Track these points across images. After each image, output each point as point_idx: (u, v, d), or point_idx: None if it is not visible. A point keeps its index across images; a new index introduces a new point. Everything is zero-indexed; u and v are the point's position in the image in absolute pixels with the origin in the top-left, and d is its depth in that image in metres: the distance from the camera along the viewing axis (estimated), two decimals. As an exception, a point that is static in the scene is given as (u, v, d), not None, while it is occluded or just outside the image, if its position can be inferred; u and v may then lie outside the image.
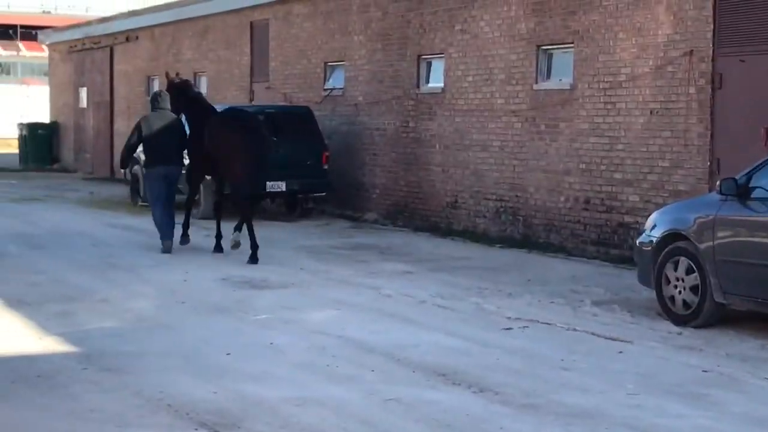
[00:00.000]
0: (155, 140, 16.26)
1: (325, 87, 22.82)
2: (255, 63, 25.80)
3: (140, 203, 22.29)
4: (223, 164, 15.93)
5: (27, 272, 13.92)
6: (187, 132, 16.76)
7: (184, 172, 17.41)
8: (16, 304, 11.71)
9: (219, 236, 16.28)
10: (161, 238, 16.13)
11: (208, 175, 17.11)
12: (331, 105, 22.43)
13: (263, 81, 25.24)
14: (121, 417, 7.52)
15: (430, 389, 8.37)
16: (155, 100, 16.87)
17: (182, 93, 16.87)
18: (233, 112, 17.11)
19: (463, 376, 8.72)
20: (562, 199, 16.58)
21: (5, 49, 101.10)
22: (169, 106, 16.73)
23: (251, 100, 25.41)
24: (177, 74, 18.00)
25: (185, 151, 16.87)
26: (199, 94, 17.68)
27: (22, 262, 14.92)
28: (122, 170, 17.49)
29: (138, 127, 16.48)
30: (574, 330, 10.69)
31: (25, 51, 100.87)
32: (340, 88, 22.27)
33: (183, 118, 16.82)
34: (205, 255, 15.76)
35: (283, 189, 20.39)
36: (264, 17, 25.27)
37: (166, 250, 16.00)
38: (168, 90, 17.00)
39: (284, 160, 20.23)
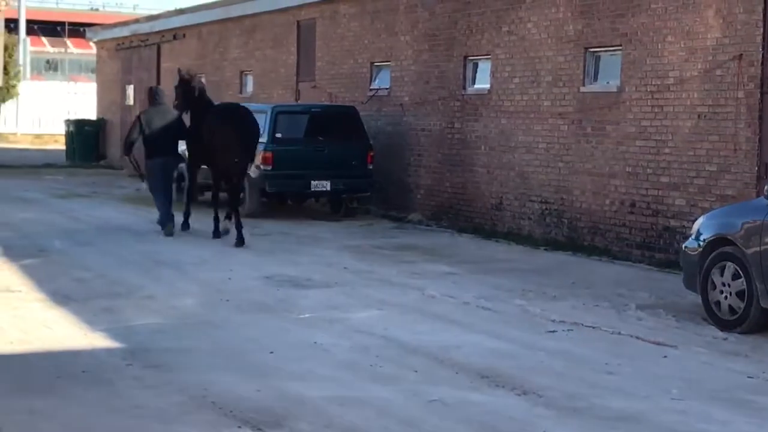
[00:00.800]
0: (154, 134, 17.53)
1: (371, 87, 22.82)
2: (301, 62, 25.85)
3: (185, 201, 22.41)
4: (217, 154, 17.29)
5: (73, 268, 14.01)
6: (188, 126, 18.02)
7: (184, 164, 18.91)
8: (63, 300, 11.80)
9: (217, 219, 17.58)
10: (161, 223, 17.54)
11: (206, 165, 18.13)
12: (377, 105, 22.44)
13: (309, 80, 25.29)
14: (165, 414, 7.56)
15: (474, 391, 8.35)
16: (154, 95, 18.19)
17: (190, 89, 17.92)
18: (224, 105, 18.86)
19: (506, 379, 8.70)
20: (608, 202, 16.50)
21: (53, 46, 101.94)
22: (165, 102, 18.15)
23: (297, 99, 25.47)
24: (188, 71, 18.82)
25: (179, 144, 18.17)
26: (204, 90, 18.45)
27: (68, 258, 15.02)
28: (126, 156, 18.76)
29: (138, 122, 17.73)
30: (619, 334, 10.63)
31: (72, 48, 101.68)
32: (386, 89, 22.27)
33: (188, 113, 18.07)
34: (249, 253, 15.81)
35: (328, 188, 20.43)
36: (311, 16, 25.32)
37: (169, 234, 17.36)
38: (177, 86, 18.14)
39: (329, 160, 20.30)
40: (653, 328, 10.92)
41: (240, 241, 16.42)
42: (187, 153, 18.44)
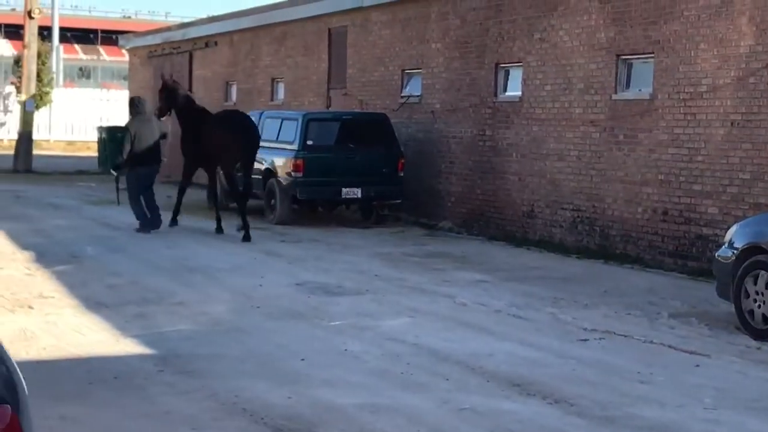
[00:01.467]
0: (143, 144, 18.58)
1: (402, 94, 22.82)
2: (332, 69, 25.89)
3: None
4: (222, 160, 18.69)
5: (105, 274, 14.08)
6: (171, 130, 19.45)
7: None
8: (95, 306, 11.85)
9: (219, 219, 18.89)
10: (143, 225, 18.69)
11: (201, 168, 19.35)
12: (408, 112, 22.44)
13: (340, 87, 25.32)
14: (197, 420, 7.57)
15: (505, 399, 8.32)
16: (135, 105, 19.15)
17: (173, 94, 19.16)
18: (228, 113, 20.00)
19: (538, 387, 8.66)
20: (640, 210, 16.43)
21: (86, 54, 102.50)
22: (147, 110, 19.20)
23: (328, 106, 25.50)
24: (171, 75, 20.26)
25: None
26: (188, 95, 19.74)
27: (100, 264, 15.09)
28: (115, 173, 20.00)
29: (129, 133, 18.68)
30: (651, 342, 10.58)
31: (105, 55, 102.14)
32: (417, 96, 22.26)
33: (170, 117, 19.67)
34: (280, 260, 15.83)
35: (359, 196, 20.45)
36: (342, 24, 25.35)
37: (146, 232, 18.61)
38: (161, 90, 19.41)
39: (360, 167, 20.32)
40: (686, 337, 10.86)
41: (247, 237, 17.80)
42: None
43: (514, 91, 19.53)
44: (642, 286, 14.08)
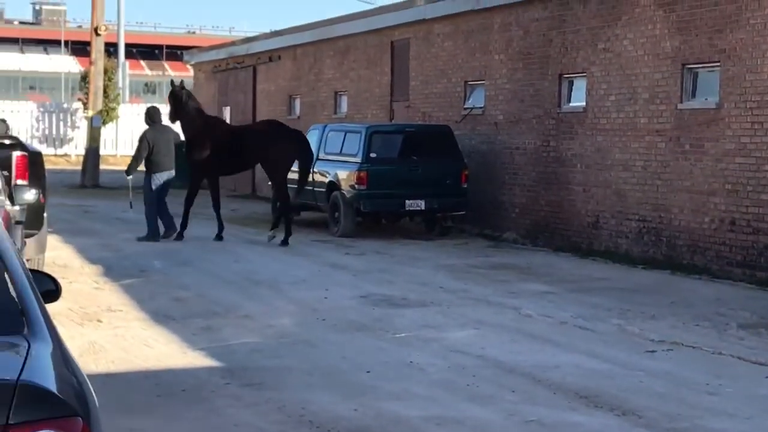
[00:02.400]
0: (160, 151, 19.32)
1: (465, 106, 22.80)
2: (395, 82, 25.94)
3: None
4: (271, 169, 19.79)
5: (172, 288, 14.19)
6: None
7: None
8: (163, 319, 11.95)
9: (221, 227, 19.76)
10: (149, 235, 19.25)
11: (208, 173, 20.05)
12: (471, 124, 22.41)
13: (403, 100, 25.35)
14: (264, 432, 7.60)
15: (572, 411, 8.28)
16: (152, 115, 19.96)
17: (177, 101, 20.00)
18: (277, 125, 20.61)
19: (605, 399, 8.60)
20: (707, 219, 16.27)
21: (151, 69, 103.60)
22: (161, 120, 20.07)
23: (391, 118, 25.54)
24: (181, 83, 20.78)
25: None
26: (195, 104, 20.44)
27: (168, 278, 15.21)
28: (128, 177, 20.28)
29: (146, 141, 19.39)
30: (720, 354, 10.46)
31: (170, 71, 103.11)
32: (480, 107, 22.23)
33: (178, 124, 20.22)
34: (344, 273, 15.87)
35: (423, 207, 20.44)
36: (405, 36, 25.40)
37: (167, 237, 19.30)
38: (169, 97, 20.28)
39: (424, 179, 20.33)
40: (755, 348, 10.73)
41: (285, 242, 18.92)
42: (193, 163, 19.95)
43: (578, 101, 19.44)
44: (710, 297, 13.94)
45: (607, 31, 18.41)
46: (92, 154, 35.65)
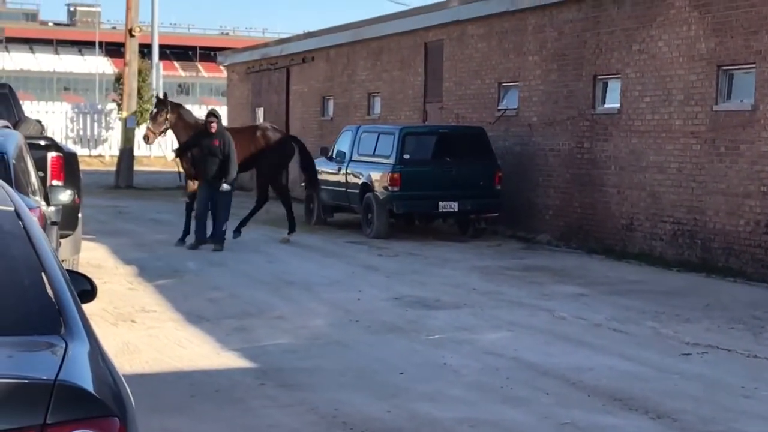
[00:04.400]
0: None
1: (499, 107, 22.76)
2: (428, 83, 25.92)
3: (314, 223, 22.67)
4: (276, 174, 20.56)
5: (206, 288, 14.24)
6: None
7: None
8: (196, 319, 11.99)
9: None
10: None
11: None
12: (505, 125, 22.37)
13: (436, 101, 25.33)
14: (298, 433, 7.61)
15: (606, 414, 8.24)
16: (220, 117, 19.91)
17: (162, 108, 20.37)
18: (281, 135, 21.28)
19: (640, 402, 8.56)
20: (743, 222, 16.17)
21: (185, 70, 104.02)
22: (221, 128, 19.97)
23: (424, 120, 25.53)
24: (165, 94, 21.59)
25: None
26: (180, 110, 20.94)
27: (201, 278, 15.26)
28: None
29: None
30: (755, 357, 10.40)
31: (203, 72, 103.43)
32: (514, 109, 22.18)
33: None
34: (377, 274, 15.87)
35: (456, 209, 20.42)
36: (438, 38, 25.38)
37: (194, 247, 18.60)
38: (156, 104, 21.03)
39: (457, 181, 20.31)
40: (791, 352, 10.66)
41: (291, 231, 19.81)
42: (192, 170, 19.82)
43: (612, 103, 19.36)
44: (745, 300, 13.85)
45: (641, 33, 18.32)
46: (126, 155, 35.82)
